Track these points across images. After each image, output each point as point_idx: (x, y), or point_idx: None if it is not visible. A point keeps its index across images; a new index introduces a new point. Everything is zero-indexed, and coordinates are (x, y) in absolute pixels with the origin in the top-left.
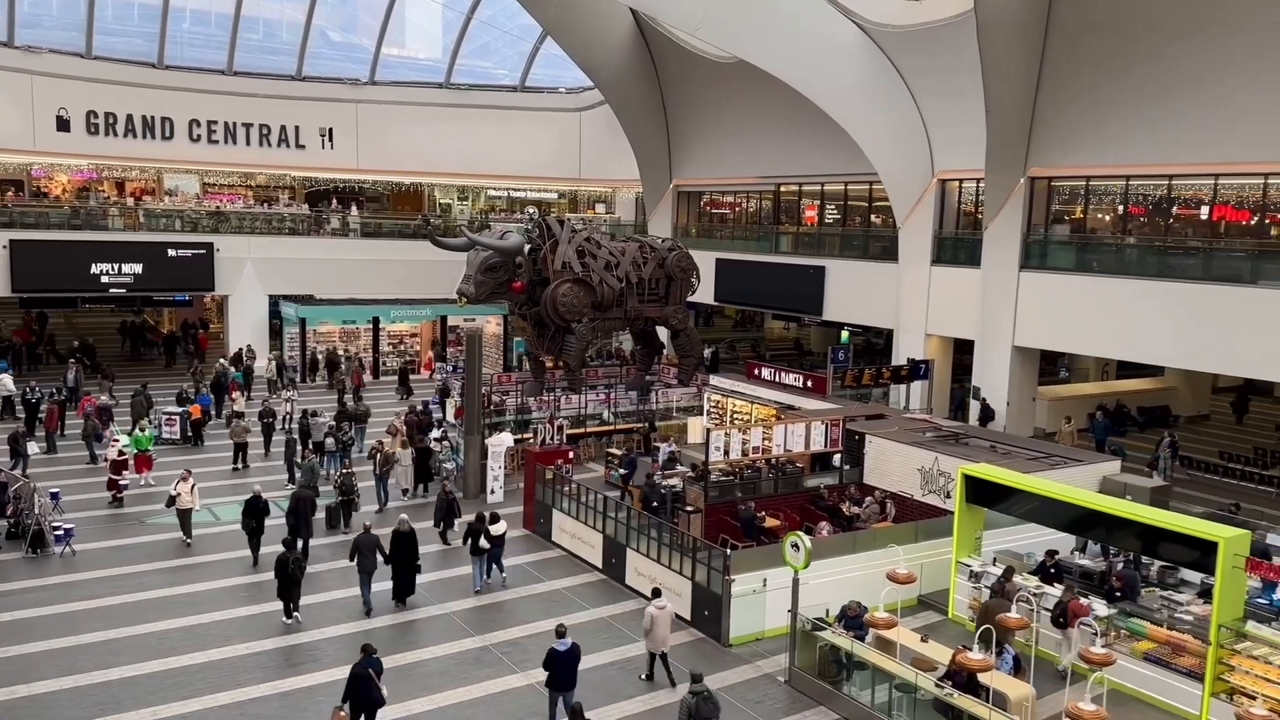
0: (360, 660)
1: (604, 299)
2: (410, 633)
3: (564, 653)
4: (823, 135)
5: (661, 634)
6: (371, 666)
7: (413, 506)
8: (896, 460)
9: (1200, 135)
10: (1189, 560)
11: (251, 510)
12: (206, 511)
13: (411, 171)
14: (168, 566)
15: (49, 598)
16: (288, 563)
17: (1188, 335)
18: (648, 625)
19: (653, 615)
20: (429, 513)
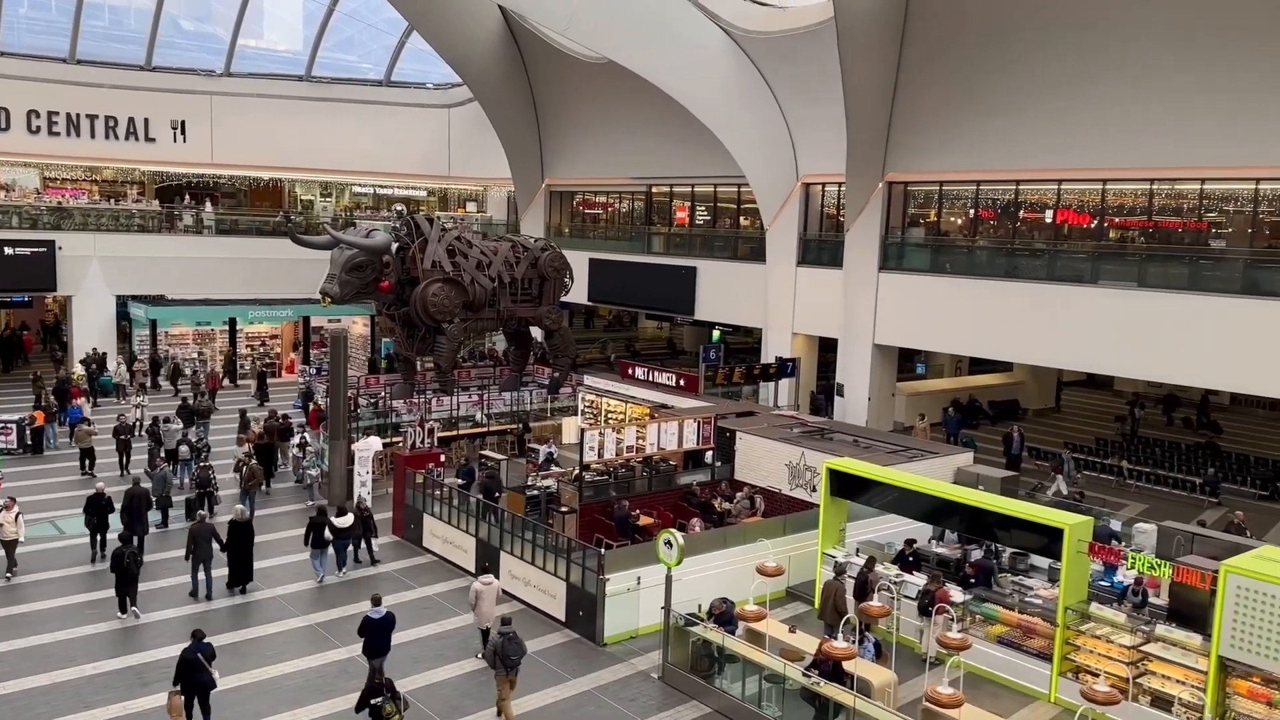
0: (190, 645)
1: (476, 299)
2: (276, 645)
3: (378, 620)
4: (693, 138)
5: (486, 609)
6: (201, 651)
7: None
8: (765, 456)
9: (1044, 143)
10: (1037, 546)
11: (93, 507)
12: (49, 525)
13: (271, 166)
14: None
15: None
16: (123, 557)
17: (1034, 332)
18: (473, 600)
19: (478, 591)
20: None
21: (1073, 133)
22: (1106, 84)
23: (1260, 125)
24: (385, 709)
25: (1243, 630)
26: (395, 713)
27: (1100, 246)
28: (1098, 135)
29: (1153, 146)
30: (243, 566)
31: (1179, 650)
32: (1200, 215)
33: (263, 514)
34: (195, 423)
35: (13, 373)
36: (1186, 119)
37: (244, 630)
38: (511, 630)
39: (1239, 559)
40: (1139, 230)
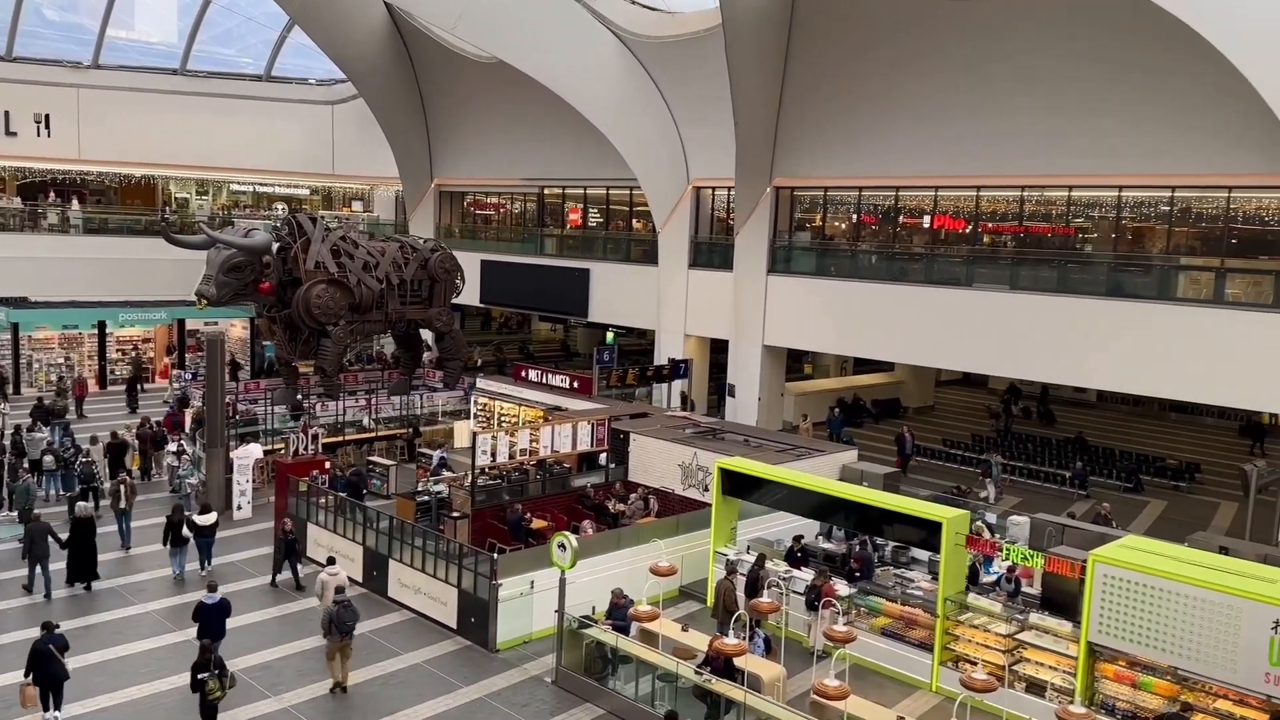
0: (41, 637)
1: (362, 301)
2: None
3: (212, 606)
4: (585, 140)
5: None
6: (53, 642)
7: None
8: (659, 457)
9: (921, 151)
10: (919, 540)
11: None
12: None
13: (143, 163)
14: None
15: None
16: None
17: (913, 334)
18: (319, 590)
19: (324, 581)
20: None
21: (948, 141)
22: (980, 95)
23: (1123, 136)
24: (209, 684)
25: (1110, 617)
26: (218, 689)
27: (975, 251)
28: (971, 144)
29: (1023, 155)
30: (85, 563)
31: (1051, 637)
32: (1068, 221)
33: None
34: (50, 423)
35: None
36: (1055, 129)
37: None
38: (346, 599)
39: (1106, 549)
40: (1011, 235)
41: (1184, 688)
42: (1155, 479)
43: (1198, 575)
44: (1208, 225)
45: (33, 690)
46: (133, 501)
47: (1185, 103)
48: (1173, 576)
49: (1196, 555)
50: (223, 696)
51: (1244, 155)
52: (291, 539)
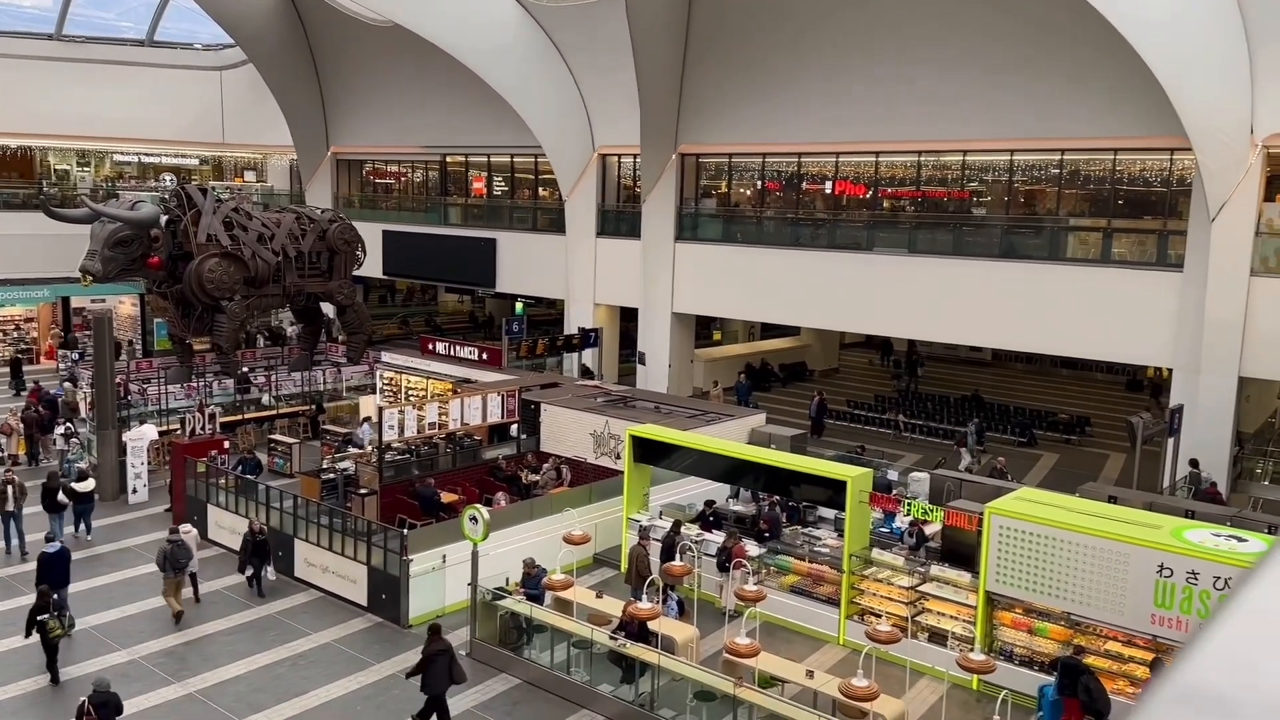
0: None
1: (258, 274)
2: (81, 687)
3: (54, 554)
4: (488, 107)
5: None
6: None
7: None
8: (571, 426)
9: (822, 117)
10: (825, 499)
11: None
12: None
13: (17, 133)
14: None
15: None
16: None
17: (817, 298)
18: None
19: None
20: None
21: (848, 108)
22: (877, 61)
23: (1014, 100)
24: (49, 624)
25: (1005, 566)
26: (59, 629)
27: (875, 215)
28: (870, 110)
29: (919, 121)
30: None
31: (951, 588)
32: (963, 185)
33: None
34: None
35: None
36: (949, 95)
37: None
38: (180, 539)
39: (1001, 501)
40: (909, 200)
41: (1077, 632)
42: (1048, 433)
43: (1088, 524)
44: (1095, 187)
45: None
46: (21, 504)
47: (1073, 68)
48: (1065, 526)
49: (1087, 505)
50: (63, 634)
51: (1129, 118)
52: (260, 539)
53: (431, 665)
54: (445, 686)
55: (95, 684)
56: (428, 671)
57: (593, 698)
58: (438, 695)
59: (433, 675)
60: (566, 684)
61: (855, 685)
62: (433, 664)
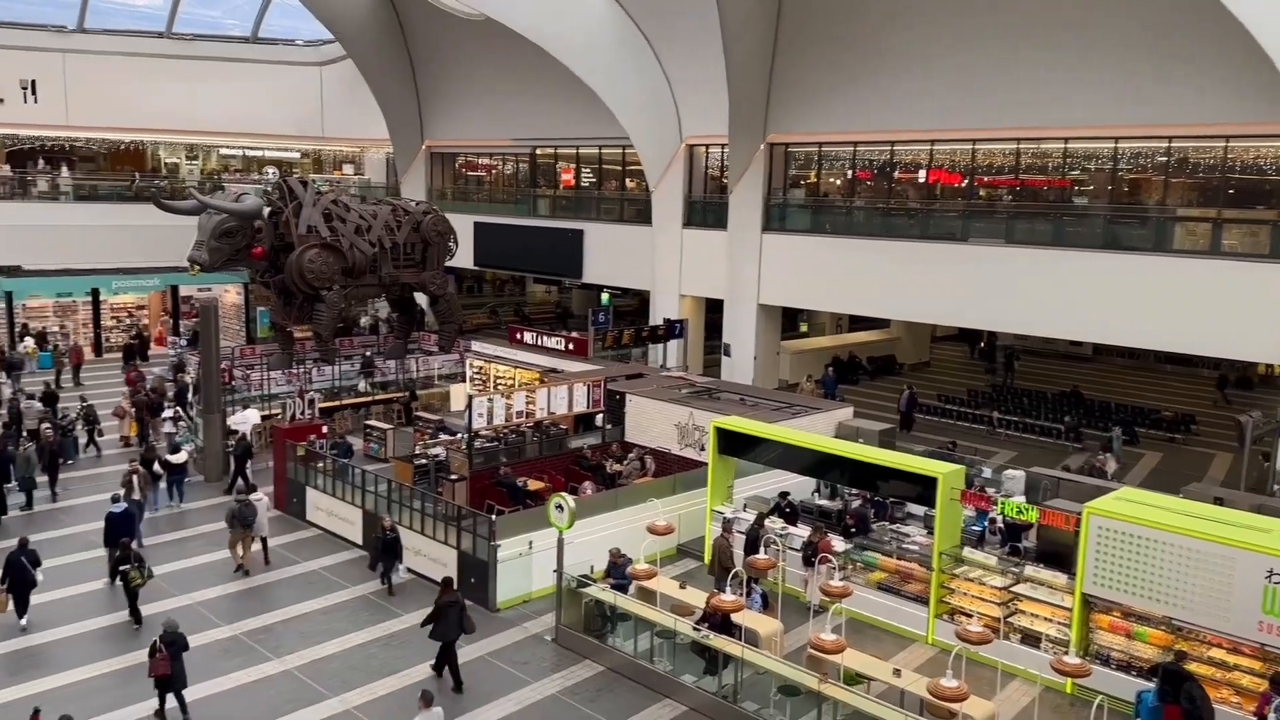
0: (15, 550)
1: (355, 265)
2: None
3: (119, 514)
4: (577, 99)
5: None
6: (25, 555)
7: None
8: (655, 417)
9: (917, 104)
10: (914, 495)
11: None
12: None
13: (131, 128)
14: None
15: None
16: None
17: (909, 290)
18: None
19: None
20: None
21: (944, 94)
22: (975, 46)
23: (1120, 86)
24: (130, 574)
25: (1104, 568)
26: (139, 578)
27: (970, 205)
28: (967, 97)
29: (1019, 108)
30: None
31: (1046, 589)
32: (1064, 173)
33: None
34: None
35: None
36: (1051, 80)
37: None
38: (247, 499)
39: (1100, 501)
40: (1007, 189)
41: (1178, 637)
42: (1151, 431)
43: (1192, 526)
44: (1205, 176)
45: (5, 596)
46: (146, 493)
47: (1183, 51)
48: (1167, 528)
49: (1191, 506)
50: (142, 584)
51: (1242, 104)
52: (391, 538)
53: (444, 615)
54: (456, 635)
55: (165, 625)
56: (440, 621)
57: (676, 688)
58: (449, 643)
59: (445, 624)
60: (650, 673)
61: (944, 685)
62: (445, 614)
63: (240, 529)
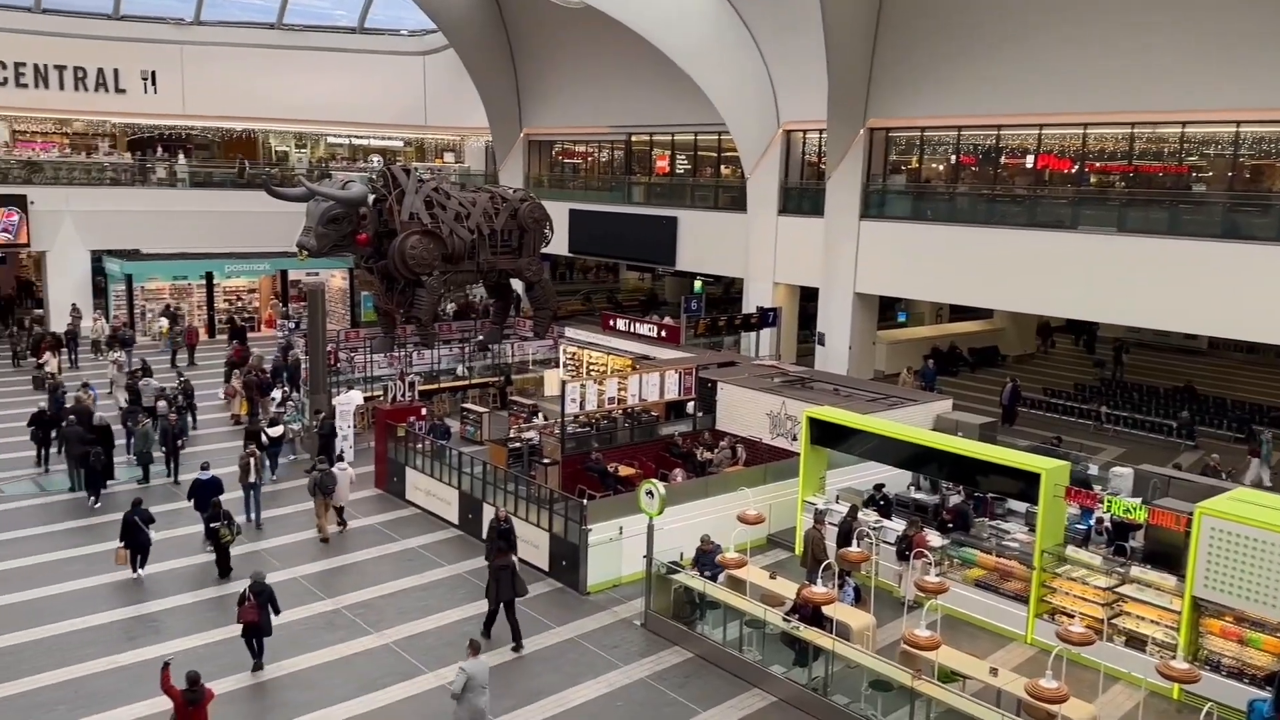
0: (130, 509)
1: (455, 251)
2: None
3: (206, 481)
4: (673, 86)
5: (343, 491)
6: (139, 516)
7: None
8: (747, 406)
9: (1025, 87)
10: (1015, 491)
11: (38, 420)
12: (29, 483)
13: (243, 117)
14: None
15: None
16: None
17: (1014, 279)
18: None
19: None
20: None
21: (1053, 77)
22: (1087, 27)
23: (1242, 68)
24: (220, 531)
25: (1216, 571)
26: (229, 535)
27: (1081, 191)
28: (1078, 79)
29: (1134, 90)
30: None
31: (1153, 591)
32: (1181, 159)
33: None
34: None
35: None
36: (1167, 62)
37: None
38: (327, 468)
39: (1214, 501)
40: (1119, 175)
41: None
42: (1270, 429)
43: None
44: None
45: (124, 552)
46: (263, 476)
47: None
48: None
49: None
50: (232, 540)
51: None
52: (505, 528)
53: (498, 578)
54: (511, 596)
55: (253, 576)
56: (496, 583)
57: (764, 677)
58: (506, 603)
59: (500, 586)
60: (738, 662)
61: (1043, 686)
62: (499, 577)
63: (321, 496)
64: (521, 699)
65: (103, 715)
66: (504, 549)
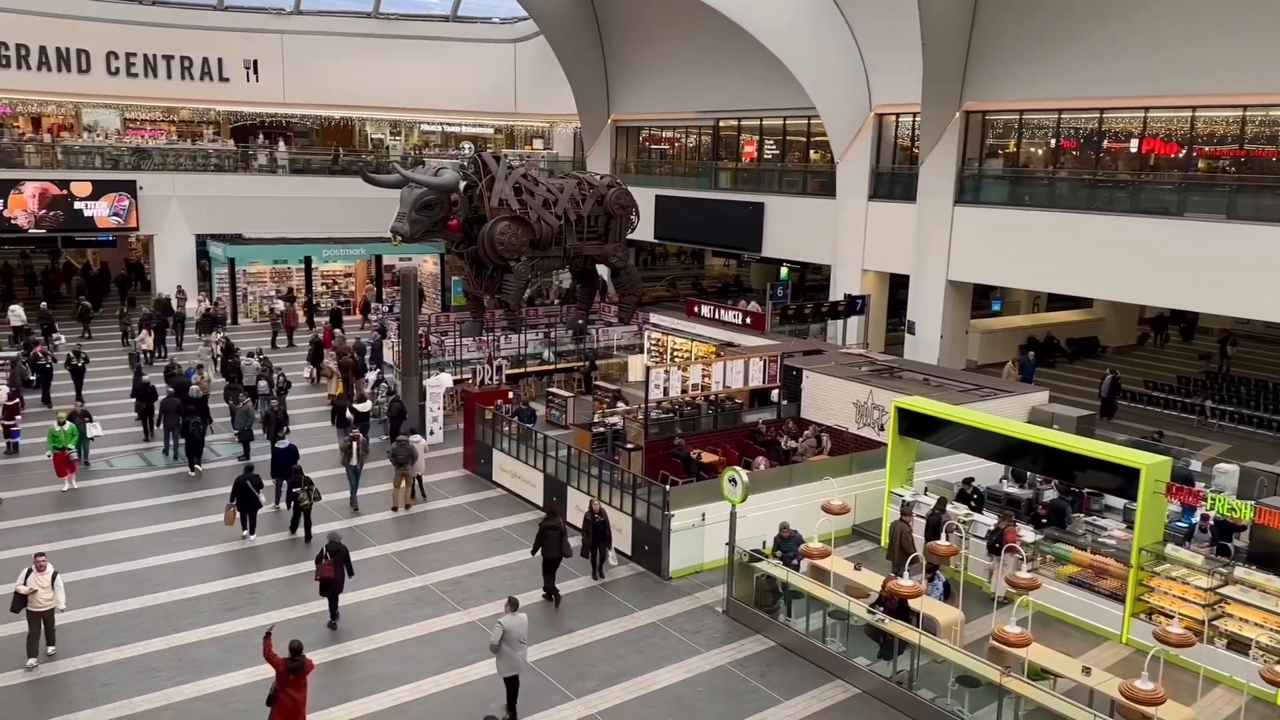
0: (242, 475)
1: (542, 237)
2: None
3: (284, 449)
4: (761, 69)
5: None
6: (250, 480)
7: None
8: (833, 394)
9: (1130, 68)
10: (1113, 487)
11: (142, 393)
12: (136, 457)
13: (341, 105)
14: (99, 513)
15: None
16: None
17: (1116, 267)
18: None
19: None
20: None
21: (1161, 57)
22: (1198, 3)
23: None
24: (300, 495)
25: None
26: (307, 498)
27: (1188, 177)
28: (1188, 59)
29: (1244, 71)
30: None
31: (1259, 593)
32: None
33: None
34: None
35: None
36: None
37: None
38: (404, 439)
39: None
40: (1229, 160)
41: None
42: None
43: None
44: None
45: (234, 512)
46: (364, 460)
47: None
48: None
49: None
50: (309, 503)
51: None
52: (599, 520)
53: (546, 538)
54: (557, 555)
55: (330, 536)
56: (544, 543)
57: (848, 669)
58: (551, 561)
59: (548, 545)
60: (821, 652)
61: (1139, 687)
62: (547, 537)
63: (398, 468)
64: (603, 681)
65: (204, 682)
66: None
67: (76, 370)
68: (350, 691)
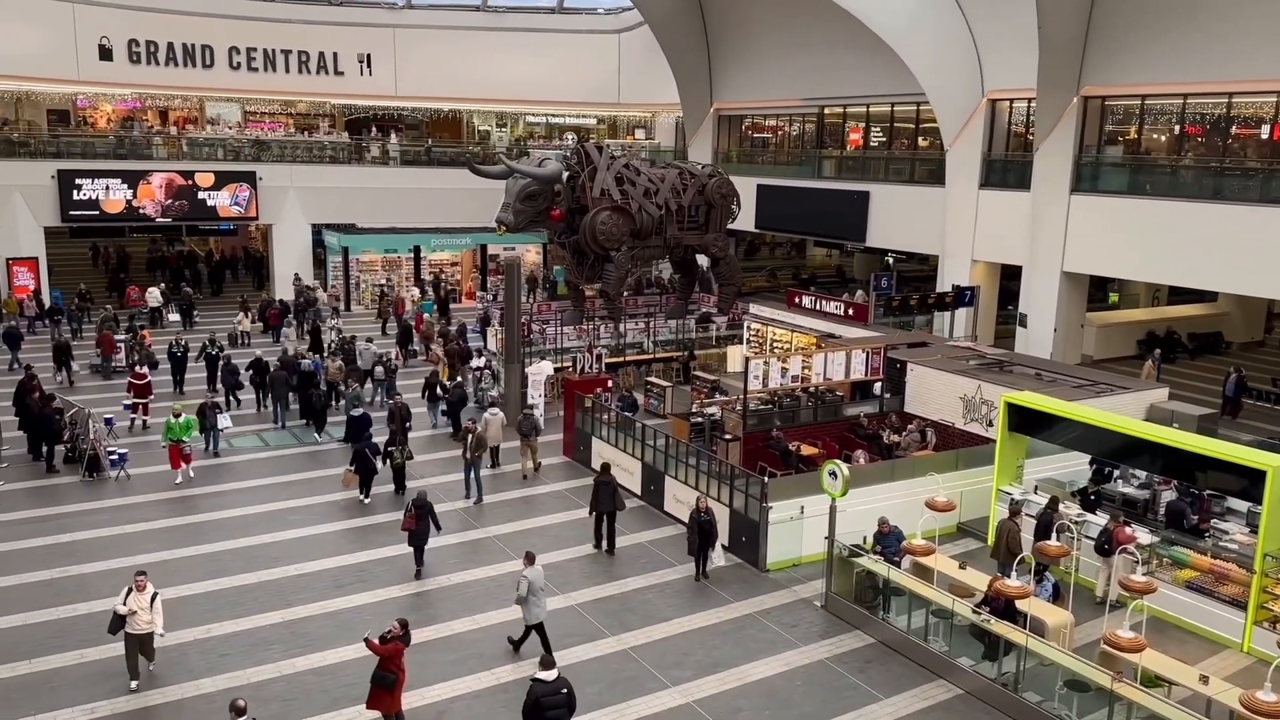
0: (361, 444)
1: (643, 227)
2: (455, 556)
3: (358, 418)
4: (869, 55)
5: (494, 432)
6: (369, 448)
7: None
8: (939, 388)
9: (1261, 50)
10: (1237, 489)
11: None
12: (254, 437)
13: (449, 98)
14: (218, 491)
15: (105, 520)
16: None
17: (1245, 260)
18: (483, 427)
19: (487, 419)
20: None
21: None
22: None
23: None
24: (394, 453)
25: None
26: (399, 457)
27: None
28: None
29: None
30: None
31: None
32: None
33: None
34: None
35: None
36: None
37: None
38: (530, 411)
39: None
40: None
41: None
42: None
43: None
44: None
45: (354, 477)
46: (481, 455)
47: None
48: None
49: None
50: (401, 461)
51: None
52: (705, 519)
53: (599, 493)
54: (610, 508)
55: (417, 493)
56: (596, 497)
57: (950, 669)
58: (606, 514)
59: (600, 499)
60: (922, 651)
61: (1261, 699)
62: (599, 492)
63: (523, 439)
64: (699, 670)
65: (315, 655)
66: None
67: (211, 359)
68: (454, 670)
